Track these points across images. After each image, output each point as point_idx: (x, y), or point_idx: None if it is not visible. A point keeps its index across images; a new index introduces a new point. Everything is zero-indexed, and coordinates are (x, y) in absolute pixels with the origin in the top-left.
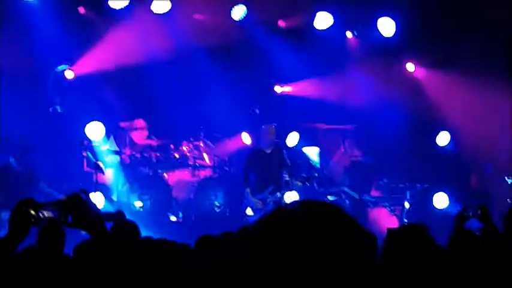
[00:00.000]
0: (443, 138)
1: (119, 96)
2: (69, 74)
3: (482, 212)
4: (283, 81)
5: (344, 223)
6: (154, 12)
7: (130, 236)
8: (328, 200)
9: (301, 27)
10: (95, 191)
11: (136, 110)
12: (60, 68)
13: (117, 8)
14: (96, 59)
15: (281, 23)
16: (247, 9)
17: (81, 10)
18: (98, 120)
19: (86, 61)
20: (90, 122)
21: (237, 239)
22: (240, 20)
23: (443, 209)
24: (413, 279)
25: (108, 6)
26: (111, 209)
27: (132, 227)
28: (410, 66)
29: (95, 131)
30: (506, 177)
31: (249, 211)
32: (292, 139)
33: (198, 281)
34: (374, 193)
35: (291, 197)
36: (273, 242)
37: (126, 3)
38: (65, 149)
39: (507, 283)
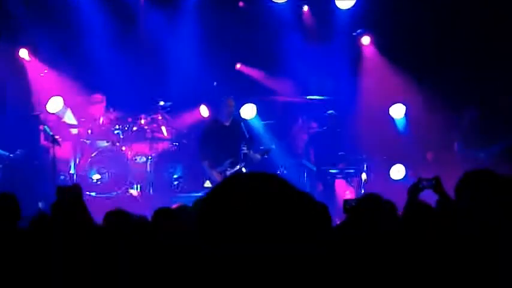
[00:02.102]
0: (397, 111)
1: (76, 70)
2: (24, 54)
3: (437, 183)
4: (241, 57)
5: (291, 194)
6: None
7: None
8: (281, 172)
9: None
10: (52, 165)
11: (93, 83)
12: None
13: None
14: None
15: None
16: None
17: None
18: (57, 95)
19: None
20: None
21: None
22: None
23: (400, 180)
24: (369, 250)
25: None
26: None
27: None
28: (365, 39)
29: (54, 104)
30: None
31: (207, 184)
32: (249, 111)
33: (154, 252)
34: (332, 165)
35: None
36: (220, 215)
37: None
38: (22, 123)
39: (461, 253)
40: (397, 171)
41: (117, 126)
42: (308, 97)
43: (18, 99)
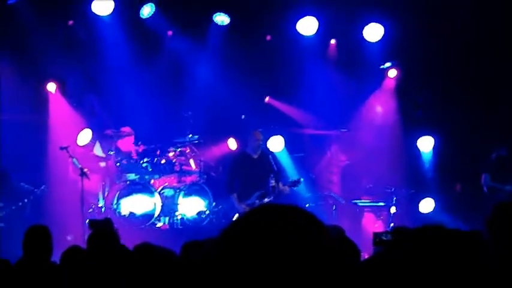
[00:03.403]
0: (426, 144)
1: (104, 103)
2: (52, 87)
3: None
4: (270, 90)
5: (315, 228)
6: (96, 13)
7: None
8: (307, 206)
9: (288, 36)
10: (80, 198)
11: (122, 116)
12: None
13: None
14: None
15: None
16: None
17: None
18: (86, 128)
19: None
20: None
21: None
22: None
23: (429, 213)
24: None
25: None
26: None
27: (113, 235)
28: (392, 72)
29: (83, 137)
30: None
31: (236, 217)
32: (277, 144)
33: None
34: (360, 198)
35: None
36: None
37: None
38: (52, 156)
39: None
40: (426, 205)
41: (145, 159)
42: (336, 130)
43: (45, 132)
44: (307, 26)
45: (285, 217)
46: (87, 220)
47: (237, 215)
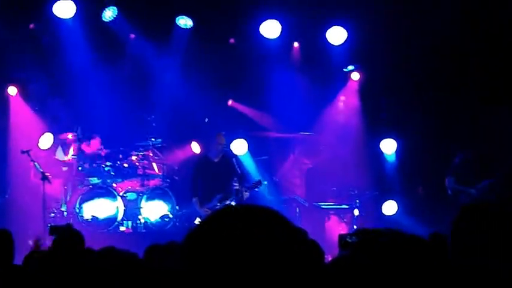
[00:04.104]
0: (389, 146)
1: (67, 106)
2: (12, 91)
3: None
4: (233, 93)
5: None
6: (58, 16)
7: (74, 247)
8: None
9: (251, 39)
10: (42, 202)
11: (83, 120)
12: None
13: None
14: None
15: (231, 40)
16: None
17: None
18: (47, 132)
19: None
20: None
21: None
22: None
23: (392, 215)
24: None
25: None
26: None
27: (77, 238)
28: (355, 75)
29: (45, 141)
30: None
31: (197, 221)
32: (240, 147)
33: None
34: (324, 201)
35: None
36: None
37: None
38: (13, 160)
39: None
40: (389, 207)
41: (108, 163)
42: (300, 133)
43: (6, 136)
44: (271, 29)
45: (252, 217)
46: (48, 225)
47: (198, 219)
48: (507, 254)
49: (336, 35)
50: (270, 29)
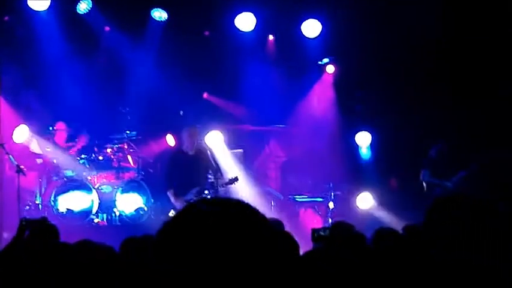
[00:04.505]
0: (363, 139)
1: (42, 99)
2: None
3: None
4: (208, 86)
5: (257, 220)
6: (32, 8)
7: (49, 240)
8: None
9: (226, 32)
10: (17, 195)
11: (58, 113)
12: None
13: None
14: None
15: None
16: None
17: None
18: (22, 124)
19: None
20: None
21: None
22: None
23: (367, 209)
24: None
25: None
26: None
27: (52, 231)
28: (330, 68)
29: (19, 134)
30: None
31: (172, 213)
32: (215, 139)
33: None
34: (299, 194)
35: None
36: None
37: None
38: None
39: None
40: (364, 200)
41: (83, 156)
42: (274, 126)
43: None
44: (245, 21)
45: (225, 209)
46: (21, 219)
47: (172, 211)
48: (479, 246)
49: (311, 28)
50: (245, 21)
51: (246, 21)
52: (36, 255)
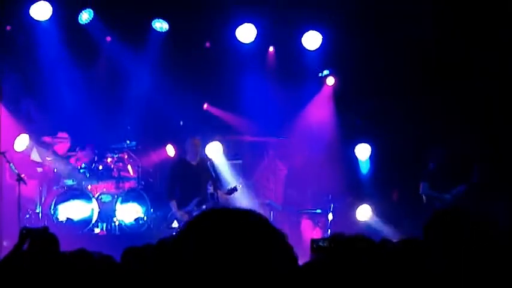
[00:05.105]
0: (363, 151)
1: (42, 108)
2: None
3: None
4: (208, 97)
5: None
6: (34, 18)
7: (49, 249)
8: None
9: (227, 43)
10: (17, 203)
11: (59, 123)
12: None
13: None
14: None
15: (207, 44)
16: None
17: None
18: (23, 133)
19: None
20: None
21: (156, 251)
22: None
23: (366, 221)
24: None
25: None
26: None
27: (52, 241)
28: (330, 80)
29: (20, 143)
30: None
31: (175, 224)
32: (215, 150)
33: None
34: (298, 205)
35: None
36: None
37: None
38: None
39: None
40: (363, 212)
41: (83, 165)
42: (274, 137)
43: None
44: (246, 33)
45: (236, 219)
46: (22, 228)
47: (175, 222)
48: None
49: (311, 40)
50: (246, 33)
51: (246, 33)
52: (36, 264)
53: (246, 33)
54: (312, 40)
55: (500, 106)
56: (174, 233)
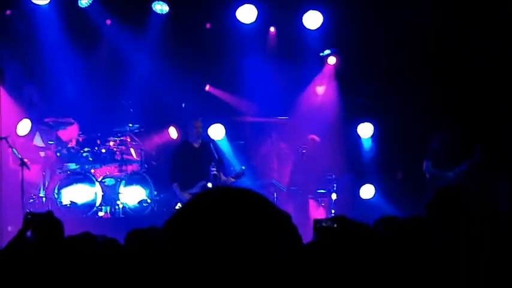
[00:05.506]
0: (366, 130)
1: (43, 93)
2: None
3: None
4: (210, 78)
5: (262, 206)
6: (34, 2)
7: (54, 234)
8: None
9: (227, 24)
10: (21, 188)
11: (61, 106)
12: None
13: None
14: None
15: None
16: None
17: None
18: (25, 118)
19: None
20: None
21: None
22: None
23: (370, 199)
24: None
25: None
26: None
27: (56, 225)
28: (331, 59)
29: (23, 127)
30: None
31: (178, 206)
32: (217, 132)
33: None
34: (301, 185)
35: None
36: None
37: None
38: None
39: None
40: (366, 191)
41: (86, 149)
42: (277, 117)
43: None
44: (247, 13)
45: (238, 198)
46: (26, 213)
47: (179, 204)
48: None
49: (312, 20)
50: (246, 13)
51: (247, 13)
52: (40, 248)
53: (247, 13)
54: (312, 20)
55: (500, 88)
56: (175, 212)
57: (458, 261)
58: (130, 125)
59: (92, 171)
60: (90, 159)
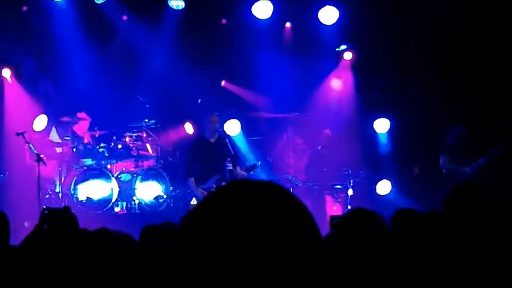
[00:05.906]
0: (382, 126)
1: (60, 88)
2: (6, 73)
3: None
4: (226, 74)
5: (279, 200)
6: None
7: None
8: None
9: (243, 19)
10: (37, 183)
11: (78, 102)
12: None
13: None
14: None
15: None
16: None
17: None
18: (42, 113)
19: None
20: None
21: (178, 228)
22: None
23: (386, 195)
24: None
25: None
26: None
27: (72, 221)
28: (347, 55)
29: (39, 123)
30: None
31: (193, 201)
32: (233, 127)
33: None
34: (318, 180)
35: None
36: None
37: None
38: (8, 142)
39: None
40: (383, 187)
41: (102, 145)
42: (292, 113)
43: (2, 117)
44: (262, 9)
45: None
46: (43, 208)
47: (194, 200)
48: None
49: (328, 15)
50: (262, 9)
51: (263, 9)
52: (57, 244)
53: (263, 9)
54: (328, 15)
55: None
56: (191, 209)
57: (475, 256)
58: (146, 120)
59: (108, 166)
60: (106, 154)
